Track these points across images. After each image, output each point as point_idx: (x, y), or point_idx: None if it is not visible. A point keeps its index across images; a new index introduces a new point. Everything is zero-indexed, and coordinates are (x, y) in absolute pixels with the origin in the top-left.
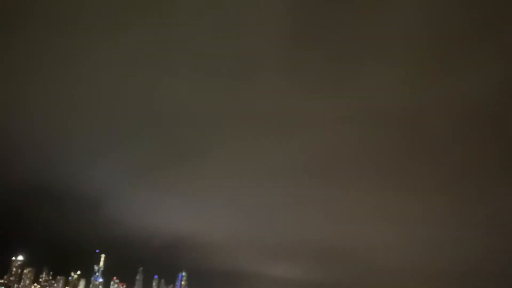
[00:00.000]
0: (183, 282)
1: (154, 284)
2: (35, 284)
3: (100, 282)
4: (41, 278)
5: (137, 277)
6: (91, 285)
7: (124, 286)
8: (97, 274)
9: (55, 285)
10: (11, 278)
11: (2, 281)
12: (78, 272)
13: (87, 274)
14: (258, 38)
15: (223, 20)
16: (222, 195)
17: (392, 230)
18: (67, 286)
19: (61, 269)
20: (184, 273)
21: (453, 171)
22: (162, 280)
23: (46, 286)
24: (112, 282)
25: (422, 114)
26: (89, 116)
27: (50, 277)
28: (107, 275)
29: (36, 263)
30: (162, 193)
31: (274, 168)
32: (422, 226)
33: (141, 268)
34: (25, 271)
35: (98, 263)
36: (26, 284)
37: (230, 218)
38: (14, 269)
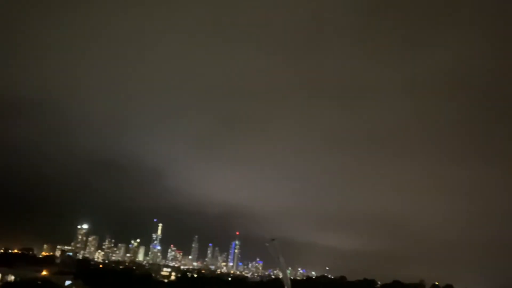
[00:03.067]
0: (236, 251)
1: (209, 251)
2: (99, 251)
3: (158, 250)
4: (104, 245)
5: (193, 245)
6: (150, 252)
7: (181, 253)
8: (155, 242)
9: (117, 252)
10: (78, 245)
11: (69, 247)
12: (138, 240)
13: (146, 242)
14: (327, 5)
15: None
16: (280, 166)
17: (451, 202)
18: (128, 253)
19: (122, 237)
20: (237, 242)
21: None
22: (217, 248)
23: (109, 252)
24: (169, 250)
25: (495, 84)
26: (153, 89)
27: (112, 245)
28: (165, 243)
29: (99, 232)
30: (220, 163)
31: (335, 138)
32: (481, 198)
33: (196, 237)
34: (89, 238)
35: (156, 231)
36: (91, 250)
37: (286, 189)
38: (80, 237)
